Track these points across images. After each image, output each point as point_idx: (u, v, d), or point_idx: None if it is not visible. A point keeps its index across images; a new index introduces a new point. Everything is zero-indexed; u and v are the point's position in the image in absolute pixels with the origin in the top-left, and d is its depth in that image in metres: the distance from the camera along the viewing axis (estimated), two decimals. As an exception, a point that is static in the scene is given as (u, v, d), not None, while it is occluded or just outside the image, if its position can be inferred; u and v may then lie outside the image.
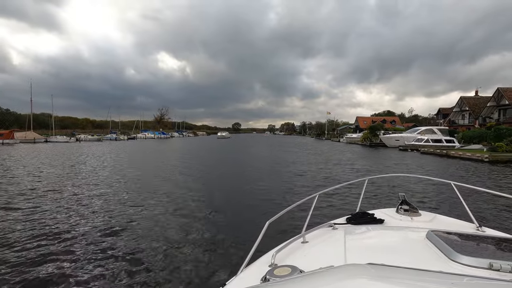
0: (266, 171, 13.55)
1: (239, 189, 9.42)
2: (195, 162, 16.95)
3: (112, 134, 55.13)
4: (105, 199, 7.54)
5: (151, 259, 4.05)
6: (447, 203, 7.11)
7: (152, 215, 6.17)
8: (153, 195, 7.97)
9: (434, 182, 8.71)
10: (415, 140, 31.17)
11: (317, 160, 19.32)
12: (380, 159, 20.62)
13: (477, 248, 1.21)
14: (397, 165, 16.52)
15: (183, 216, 6.08)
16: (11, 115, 66.99)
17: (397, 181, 10.14)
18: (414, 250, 1.28)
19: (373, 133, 41.55)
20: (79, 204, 6.99)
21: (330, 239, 1.55)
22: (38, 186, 9.09)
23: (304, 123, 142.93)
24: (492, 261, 0.99)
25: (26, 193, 8.07)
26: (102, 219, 5.86)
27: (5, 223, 5.54)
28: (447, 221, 1.98)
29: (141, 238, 4.82)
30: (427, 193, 8.54)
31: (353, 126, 79.23)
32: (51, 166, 14.19)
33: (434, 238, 1.28)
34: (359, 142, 44.45)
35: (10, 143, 36.42)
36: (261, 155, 22.78)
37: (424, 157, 22.16)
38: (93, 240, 4.72)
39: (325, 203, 6.84)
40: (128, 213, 6.29)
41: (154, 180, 10.53)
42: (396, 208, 2.05)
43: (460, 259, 1.05)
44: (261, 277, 1.04)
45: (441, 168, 15.76)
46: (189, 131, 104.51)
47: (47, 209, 6.48)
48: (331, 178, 11.43)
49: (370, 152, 27.58)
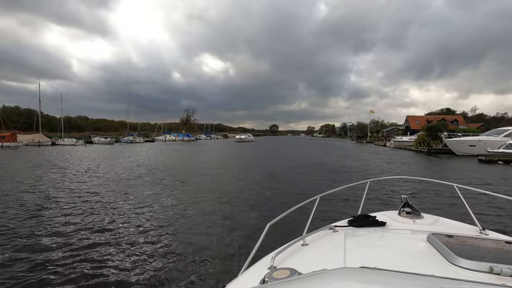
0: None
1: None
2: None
3: (129, 137, 51.75)
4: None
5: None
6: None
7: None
8: None
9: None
10: (504, 147, 20.82)
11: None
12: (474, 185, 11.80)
13: (478, 252, 1.15)
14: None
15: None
16: (44, 118, 68.30)
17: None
18: (414, 253, 1.28)
19: (432, 135, 31.12)
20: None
21: (330, 242, 1.55)
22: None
23: (344, 124, 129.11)
24: (493, 265, 0.99)
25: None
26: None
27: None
28: (450, 224, 1.95)
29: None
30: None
31: (402, 127, 66.74)
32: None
33: (434, 241, 1.28)
34: (411, 148, 34.20)
35: (11, 146, 33.90)
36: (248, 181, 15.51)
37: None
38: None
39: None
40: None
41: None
42: (398, 211, 2.00)
43: (460, 262, 1.05)
44: (260, 279, 1.05)
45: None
46: (218, 133, 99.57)
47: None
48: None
49: (434, 166, 18.33)
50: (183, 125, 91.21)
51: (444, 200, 7.64)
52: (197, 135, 77.17)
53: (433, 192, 8.71)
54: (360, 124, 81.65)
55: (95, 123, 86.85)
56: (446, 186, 2.80)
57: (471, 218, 1.88)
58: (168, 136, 63.12)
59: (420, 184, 9.68)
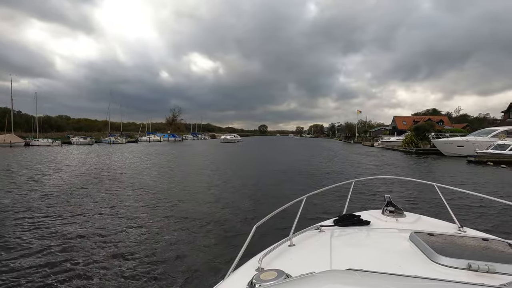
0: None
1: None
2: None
3: (111, 137, 49.58)
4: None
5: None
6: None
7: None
8: None
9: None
10: (492, 147, 20.49)
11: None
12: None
13: (457, 249, 1.20)
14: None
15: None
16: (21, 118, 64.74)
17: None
18: (398, 252, 1.30)
19: (420, 135, 30.83)
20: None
21: (317, 242, 1.56)
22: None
23: (333, 124, 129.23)
24: (471, 262, 1.03)
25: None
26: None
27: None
28: (431, 222, 1.99)
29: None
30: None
31: (390, 128, 66.96)
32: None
33: (416, 240, 1.32)
34: (399, 148, 33.89)
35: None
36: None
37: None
38: None
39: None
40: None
41: None
42: (382, 210, 2.03)
43: (440, 260, 1.09)
44: (248, 281, 1.03)
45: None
46: (206, 134, 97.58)
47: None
48: None
49: (424, 166, 17.72)
50: (169, 125, 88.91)
51: (425, 199, 7.88)
52: (183, 136, 75.21)
53: (415, 191, 9.03)
54: (348, 124, 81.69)
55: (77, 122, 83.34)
56: (427, 186, 2.73)
57: (450, 215, 1.94)
58: (153, 137, 61.01)
59: (403, 184, 9.89)
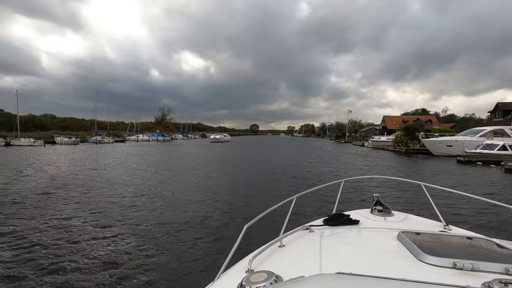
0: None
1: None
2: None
3: (97, 137, 48.19)
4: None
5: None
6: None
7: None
8: None
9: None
10: (481, 147, 20.58)
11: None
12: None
13: (443, 248, 1.22)
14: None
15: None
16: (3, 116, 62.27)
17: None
18: (386, 252, 1.32)
19: (410, 135, 30.94)
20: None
21: (307, 242, 1.56)
22: None
23: (324, 124, 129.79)
24: (456, 260, 1.04)
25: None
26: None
27: None
28: (417, 221, 2.01)
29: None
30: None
31: (379, 127, 67.46)
32: None
33: (404, 239, 1.34)
34: (389, 148, 33.97)
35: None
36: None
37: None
38: None
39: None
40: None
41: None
42: (370, 209, 2.04)
43: (427, 259, 1.10)
44: (238, 283, 1.03)
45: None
46: (196, 133, 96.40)
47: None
48: None
49: (414, 166, 17.58)
50: (158, 124, 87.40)
51: (413, 198, 8.03)
52: (173, 135, 73.98)
53: (403, 190, 9.19)
54: (338, 124, 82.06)
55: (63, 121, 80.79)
56: (414, 185, 2.57)
57: (437, 214, 1.97)
58: (141, 136, 59.64)
59: (392, 183, 10.03)
